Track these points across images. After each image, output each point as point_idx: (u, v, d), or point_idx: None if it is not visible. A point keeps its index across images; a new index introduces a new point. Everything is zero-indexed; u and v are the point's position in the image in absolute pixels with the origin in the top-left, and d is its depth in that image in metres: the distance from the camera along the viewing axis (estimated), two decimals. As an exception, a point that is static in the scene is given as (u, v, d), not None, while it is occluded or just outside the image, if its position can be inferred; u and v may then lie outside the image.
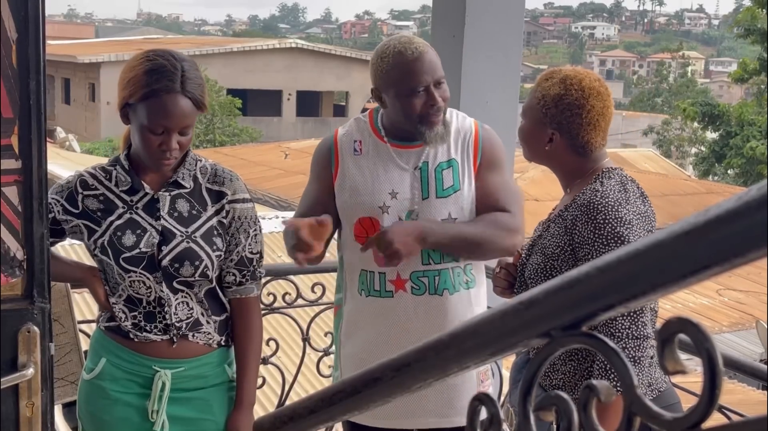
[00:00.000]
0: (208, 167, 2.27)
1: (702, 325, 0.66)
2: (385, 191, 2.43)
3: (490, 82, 3.73)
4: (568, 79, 2.19)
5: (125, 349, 2.25)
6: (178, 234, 2.19)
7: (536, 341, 0.81)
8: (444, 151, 2.45)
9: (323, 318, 3.51)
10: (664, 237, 0.67)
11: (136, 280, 2.19)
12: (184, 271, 2.19)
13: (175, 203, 2.22)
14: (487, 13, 3.66)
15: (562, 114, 2.18)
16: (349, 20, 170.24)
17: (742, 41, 21.33)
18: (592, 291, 0.75)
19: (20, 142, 2.02)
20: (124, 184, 2.23)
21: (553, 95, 2.18)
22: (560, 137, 2.20)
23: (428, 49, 2.38)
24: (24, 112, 2.02)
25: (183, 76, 2.12)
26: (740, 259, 0.63)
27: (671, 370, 0.69)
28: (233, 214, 2.25)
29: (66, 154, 18.73)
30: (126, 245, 2.19)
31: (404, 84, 2.35)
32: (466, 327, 0.92)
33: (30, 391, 1.92)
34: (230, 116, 27.70)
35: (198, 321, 2.25)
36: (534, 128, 2.24)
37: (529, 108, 2.26)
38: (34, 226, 2.05)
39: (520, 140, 2.32)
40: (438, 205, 2.42)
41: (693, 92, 43.87)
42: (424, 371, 0.95)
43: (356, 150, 2.48)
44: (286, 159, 19.06)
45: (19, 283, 2.05)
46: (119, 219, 2.21)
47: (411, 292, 2.44)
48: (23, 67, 2.01)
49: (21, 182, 2.03)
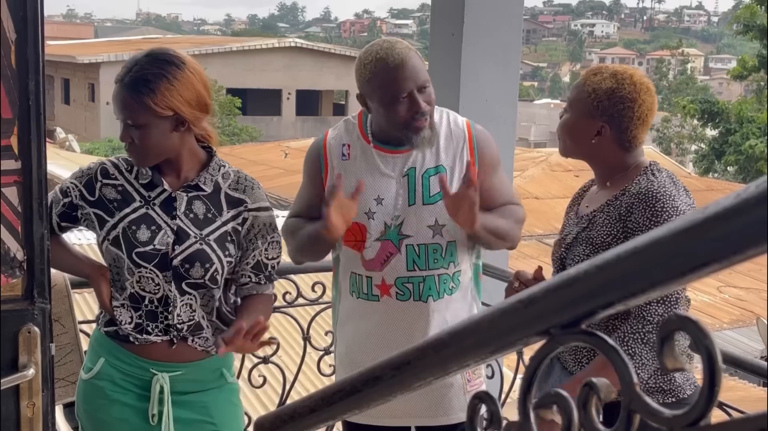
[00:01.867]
0: (231, 173, 2.28)
1: (701, 322, 0.66)
2: (370, 197, 2.42)
3: (489, 79, 3.73)
4: (619, 74, 2.22)
5: (124, 351, 2.25)
6: (192, 236, 2.20)
7: (536, 339, 0.82)
8: (432, 157, 2.45)
9: (324, 317, 3.52)
10: (663, 235, 0.67)
11: (146, 276, 2.19)
12: (194, 272, 2.19)
13: (191, 204, 2.22)
14: (486, 10, 3.67)
15: (615, 107, 2.19)
16: (348, 19, 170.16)
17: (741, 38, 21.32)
18: (591, 289, 0.75)
19: (20, 143, 2.02)
20: (145, 177, 2.23)
21: (606, 88, 2.20)
22: (610, 130, 2.21)
23: (411, 53, 2.36)
24: (23, 113, 2.02)
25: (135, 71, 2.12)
26: (739, 256, 0.63)
27: (670, 368, 0.69)
28: (252, 221, 2.26)
29: (66, 154, 18.73)
30: (140, 240, 2.18)
31: (387, 91, 2.33)
32: (466, 325, 0.92)
33: (31, 392, 1.92)
34: (230, 116, 27.72)
35: (199, 324, 2.24)
36: (582, 121, 2.24)
37: (576, 101, 2.26)
38: (34, 227, 2.05)
39: (563, 134, 2.31)
40: (424, 211, 2.42)
41: (692, 89, 43.90)
42: (424, 369, 0.95)
43: (344, 155, 2.47)
44: (286, 158, 19.07)
45: (20, 284, 2.05)
46: (134, 212, 2.21)
47: (396, 298, 2.44)
48: (22, 68, 2.01)
49: (21, 183, 2.03)
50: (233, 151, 21.72)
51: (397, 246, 2.42)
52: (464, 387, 2.52)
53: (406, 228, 2.42)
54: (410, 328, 2.42)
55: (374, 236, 2.43)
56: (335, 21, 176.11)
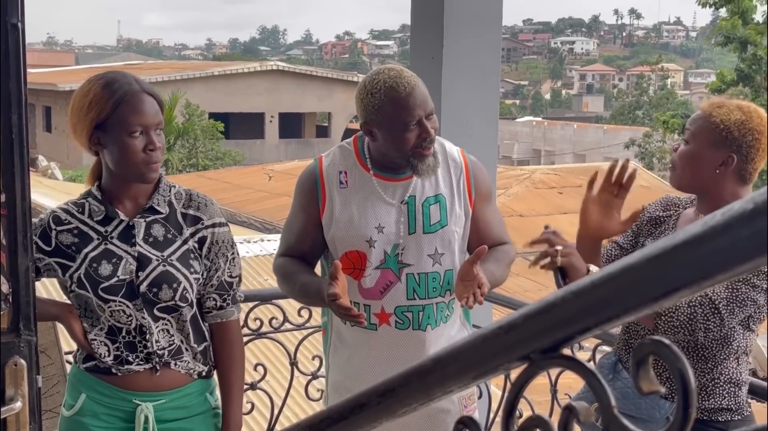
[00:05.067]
0: (183, 192, 2.27)
1: (674, 346, 0.68)
2: (371, 225, 2.42)
3: (469, 100, 3.77)
4: (745, 107, 2.27)
5: (105, 384, 2.23)
6: (154, 259, 2.19)
7: (516, 364, 0.83)
8: (432, 185, 2.46)
9: (311, 341, 3.52)
10: (635, 262, 0.69)
11: (117, 310, 2.18)
12: (163, 295, 2.18)
13: (150, 229, 2.22)
14: (465, 33, 3.70)
15: (744, 138, 2.23)
16: (329, 41, 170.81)
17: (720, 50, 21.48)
18: (568, 315, 0.77)
19: (3, 176, 2.03)
20: (98, 214, 2.21)
21: (735, 120, 2.23)
22: (736, 161, 2.24)
23: (418, 81, 2.38)
24: (6, 146, 2.03)
25: (136, 79, 2.17)
26: (708, 281, 0.65)
27: (646, 390, 0.71)
28: (211, 238, 2.25)
29: (48, 182, 18.65)
30: (103, 275, 2.17)
31: (398, 119, 2.34)
32: (448, 351, 0.94)
33: (18, 424, 1.91)
34: (213, 140, 27.67)
35: (179, 349, 2.24)
36: (708, 151, 2.26)
37: (701, 132, 2.28)
38: (19, 259, 2.05)
39: (683, 164, 2.32)
40: (425, 239, 2.43)
41: (673, 104, 44.17)
42: (408, 395, 0.97)
43: (342, 183, 2.46)
44: (270, 181, 19.06)
45: (5, 316, 2.05)
46: (94, 250, 2.19)
47: (395, 326, 2.44)
48: (5, 101, 2.02)
49: (5, 216, 2.04)
50: (217, 175, 21.68)
51: (397, 275, 2.42)
52: (461, 413, 2.52)
53: (406, 257, 2.43)
54: (409, 357, 2.38)
55: (374, 264, 2.42)
56: (317, 43, 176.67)
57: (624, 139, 34.43)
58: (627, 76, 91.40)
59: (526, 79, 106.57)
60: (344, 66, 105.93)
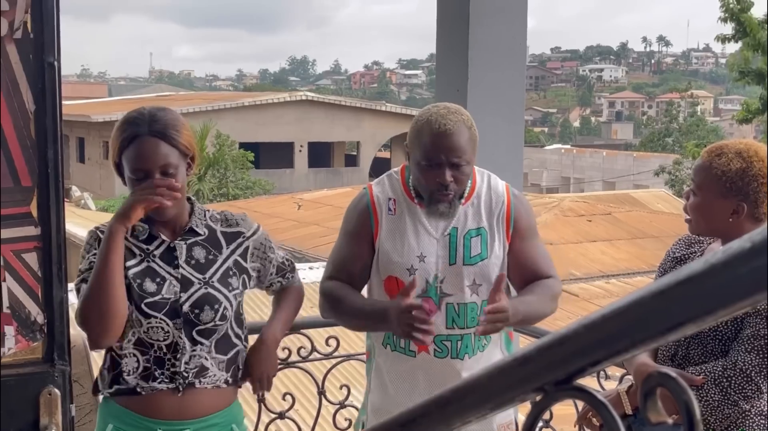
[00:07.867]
0: (217, 215, 2.38)
1: (680, 379, 0.71)
2: (413, 254, 2.46)
3: (495, 131, 3.79)
4: (744, 152, 2.27)
5: (130, 413, 2.26)
6: (196, 282, 2.26)
7: (531, 395, 0.86)
8: (474, 218, 2.49)
9: (339, 369, 3.54)
10: (642, 296, 0.72)
11: (155, 326, 2.23)
12: (204, 317, 2.24)
13: (191, 251, 2.29)
14: (489, 65, 3.74)
15: (749, 185, 2.25)
16: (358, 71, 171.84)
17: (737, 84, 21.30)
18: (580, 348, 0.80)
19: (39, 210, 2.09)
20: (142, 233, 2.29)
21: (735, 169, 2.25)
22: (746, 207, 2.26)
23: (460, 127, 2.39)
24: (42, 181, 2.09)
25: (151, 119, 2.21)
26: (711, 316, 0.68)
27: (654, 421, 0.74)
28: (254, 244, 2.39)
29: (81, 212, 18.92)
30: (148, 291, 2.23)
31: (421, 153, 2.39)
32: (467, 383, 0.97)
33: (52, 453, 1.96)
34: (243, 169, 27.92)
35: (203, 366, 2.28)
36: (716, 202, 2.29)
37: (704, 184, 2.31)
38: (53, 291, 2.11)
39: (696, 216, 2.35)
40: (464, 271, 2.46)
41: (703, 131, 43.89)
42: (429, 426, 1.00)
43: (390, 209, 2.51)
44: (299, 210, 19.16)
45: (40, 347, 2.11)
46: (138, 266, 2.26)
47: (434, 355, 2.48)
48: (41, 137, 2.09)
49: (40, 248, 2.10)
50: (247, 204, 21.84)
51: (437, 304, 2.45)
52: None
53: (446, 287, 2.46)
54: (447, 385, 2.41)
55: (415, 293, 2.45)
56: (345, 73, 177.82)
57: (653, 166, 34.25)
58: (656, 103, 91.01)
59: (555, 107, 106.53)
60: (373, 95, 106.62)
